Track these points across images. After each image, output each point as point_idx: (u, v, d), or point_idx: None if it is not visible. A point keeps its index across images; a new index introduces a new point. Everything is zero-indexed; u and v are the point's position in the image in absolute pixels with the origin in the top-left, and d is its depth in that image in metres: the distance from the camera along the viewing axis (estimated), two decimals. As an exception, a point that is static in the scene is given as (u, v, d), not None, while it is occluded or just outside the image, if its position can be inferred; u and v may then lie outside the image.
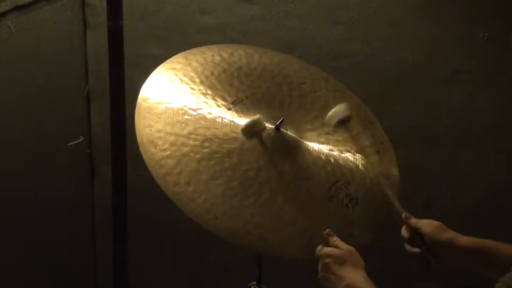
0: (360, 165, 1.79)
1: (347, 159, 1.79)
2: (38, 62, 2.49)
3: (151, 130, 1.69)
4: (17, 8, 2.43)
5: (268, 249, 1.65)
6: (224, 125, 1.73)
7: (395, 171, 1.84)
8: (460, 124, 2.60)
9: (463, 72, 2.59)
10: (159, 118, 1.71)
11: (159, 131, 1.69)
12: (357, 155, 1.81)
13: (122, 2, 2.07)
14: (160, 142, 1.67)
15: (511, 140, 2.60)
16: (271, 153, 1.72)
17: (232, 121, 1.74)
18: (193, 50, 1.91)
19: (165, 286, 2.70)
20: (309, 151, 1.77)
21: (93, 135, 2.59)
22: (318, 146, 1.78)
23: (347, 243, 1.62)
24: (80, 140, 2.56)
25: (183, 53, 1.89)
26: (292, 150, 1.75)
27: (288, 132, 1.76)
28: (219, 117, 1.74)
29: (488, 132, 2.60)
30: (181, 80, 1.81)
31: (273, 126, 1.74)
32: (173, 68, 1.83)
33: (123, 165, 2.18)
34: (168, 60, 1.87)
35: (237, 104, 1.78)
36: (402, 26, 2.57)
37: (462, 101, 2.59)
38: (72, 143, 2.54)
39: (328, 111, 1.82)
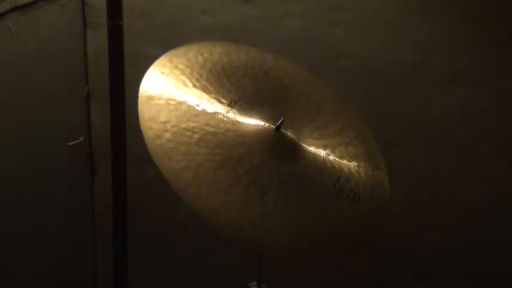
0: (353, 158, 1.79)
1: (341, 154, 1.79)
2: (38, 62, 2.49)
3: (161, 141, 1.68)
4: (17, 8, 2.43)
5: (294, 255, 1.65)
6: (228, 129, 1.72)
7: (382, 162, 1.83)
8: (460, 124, 2.60)
9: (463, 72, 2.59)
10: (166, 127, 1.69)
11: (169, 141, 1.68)
12: (348, 147, 1.80)
13: (121, 2, 2.07)
14: (173, 154, 1.65)
15: (511, 140, 2.60)
16: (277, 155, 1.71)
17: (234, 124, 1.74)
18: (173, 52, 1.88)
19: (165, 286, 2.70)
20: (308, 149, 1.77)
21: (93, 135, 2.59)
22: (314, 143, 1.78)
23: (358, 238, 1.63)
24: (80, 140, 2.55)
25: (166, 55, 1.85)
26: (295, 149, 1.75)
27: (287, 132, 1.75)
28: (221, 121, 1.73)
29: (488, 132, 2.60)
30: (173, 85, 1.79)
31: (274, 127, 1.73)
32: (163, 73, 1.81)
33: (123, 165, 2.17)
34: (155, 63, 1.84)
35: (233, 105, 1.77)
36: (402, 26, 2.57)
37: (462, 101, 2.59)
38: (72, 143, 2.54)
39: (313, 105, 1.83)
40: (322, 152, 1.77)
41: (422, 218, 2.57)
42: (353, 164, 1.78)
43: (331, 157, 1.77)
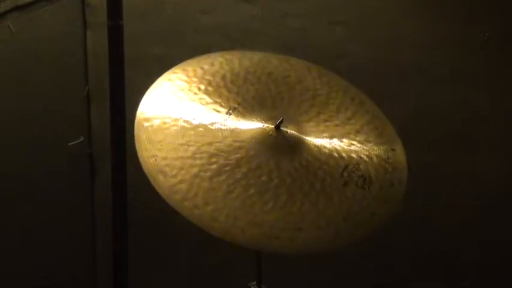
0: (363, 144, 1.80)
1: (350, 142, 1.81)
2: (38, 62, 2.49)
3: (156, 160, 1.69)
4: (17, 8, 2.43)
5: (299, 248, 1.66)
6: (225, 136, 1.74)
7: (398, 143, 1.85)
8: (460, 124, 2.60)
9: (463, 72, 2.59)
10: (161, 146, 1.72)
11: (164, 158, 1.69)
12: (358, 134, 1.82)
13: (121, 2, 2.07)
14: (168, 169, 1.68)
15: (511, 140, 2.60)
16: (277, 154, 1.73)
17: (232, 131, 1.75)
18: (174, 69, 1.91)
19: (165, 286, 2.70)
20: (313, 143, 1.78)
21: (93, 135, 2.59)
22: (319, 136, 1.79)
23: (370, 223, 1.64)
24: (80, 140, 2.55)
25: (165, 75, 1.89)
26: (296, 146, 1.77)
27: (288, 129, 1.77)
28: (218, 130, 1.76)
29: (488, 132, 2.60)
30: (170, 102, 1.81)
31: (273, 127, 1.75)
32: (160, 93, 1.84)
33: (123, 165, 2.17)
34: (155, 84, 1.87)
35: (231, 113, 1.79)
36: (402, 26, 2.57)
37: (462, 101, 2.59)
38: (72, 143, 2.54)
39: (321, 98, 1.86)
40: (328, 143, 1.79)
41: (422, 217, 2.57)
42: (364, 150, 1.80)
43: (339, 147, 1.79)
